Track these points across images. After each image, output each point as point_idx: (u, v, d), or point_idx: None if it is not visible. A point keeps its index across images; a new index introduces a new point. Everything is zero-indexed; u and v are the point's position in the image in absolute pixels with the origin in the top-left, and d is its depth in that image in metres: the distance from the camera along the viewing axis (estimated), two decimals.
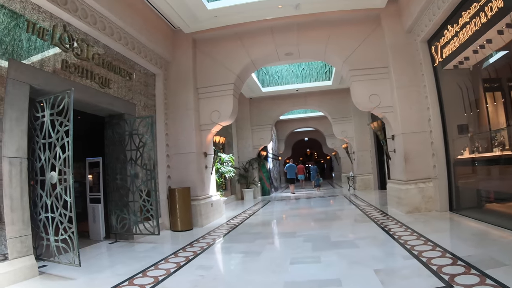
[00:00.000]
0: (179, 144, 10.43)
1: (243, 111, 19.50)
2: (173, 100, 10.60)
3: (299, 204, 15.48)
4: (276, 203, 16.12)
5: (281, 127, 29.37)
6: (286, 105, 20.10)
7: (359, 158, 18.85)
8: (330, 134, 26.93)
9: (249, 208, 13.96)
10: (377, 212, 10.05)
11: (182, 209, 9.56)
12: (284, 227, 9.93)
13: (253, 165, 18.96)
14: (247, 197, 18.18)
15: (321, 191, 21.87)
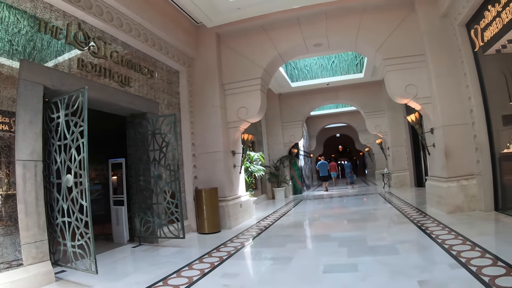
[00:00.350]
0: (206, 143, 10.03)
1: (273, 107, 19.06)
2: (199, 97, 10.22)
3: (332, 203, 14.90)
4: (308, 202, 15.56)
5: (312, 123, 28.76)
6: (317, 100, 19.45)
7: (394, 154, 18.01)
8: (363, 129, 26.26)
9: (280, 208, 13.45)
10: (415, 211, 9.36)
11: (209, 211, 9.17)
12: (317, 228, 9.36)
13: (284, 163, 18.43)
14: (278, 196, 17.68)
15: (355, 189, 21.09)
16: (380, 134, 18.78)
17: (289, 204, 14.74)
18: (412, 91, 9.16)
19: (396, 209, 10.26)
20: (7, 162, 5.25)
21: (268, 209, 13.38)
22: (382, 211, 10.74)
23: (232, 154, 10.37)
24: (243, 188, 11.15)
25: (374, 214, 10.37)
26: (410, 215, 8.93)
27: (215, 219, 9.26)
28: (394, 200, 12.46)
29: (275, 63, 10.71)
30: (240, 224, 10.06)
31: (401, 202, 11.64)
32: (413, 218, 8.41)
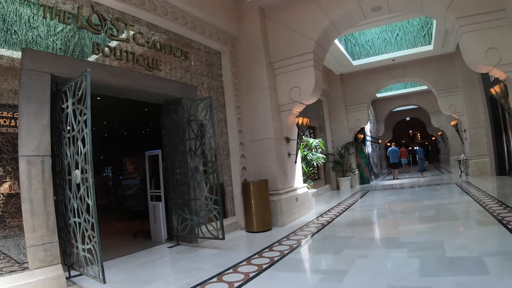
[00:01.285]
0: (255, 129, 8.91)
1: (334, 89, 17.65)
2: (244, 79, 9.11)
3: (402, 194, 13.17)
4: (376, 193, 14.01)
5: (379, 107, 26.80)
6: (383, 79, 17.61)
7: (472, 137, 15.78)
8: (435, 111, 24.38)
9: (344, 201, 12.11)
10: (502, 208, 7.66)
11: (258, 206, 8.06)
12: (383, 229, 7.76)
13: (349, 150, 16.90)
14: (343, 186, 16.28)
15: (427, 177, 19.14)
16: (455, 115, 16.55)
17: (354, 196, 13.36)
18: (495, 56, 7.44)
19: (477, 204, 8.60)
20: (9, 158, 4.72)
21: (330, 202, 12.12)
22: (461, 206, 8.98)
23: (286, 141, 9.16)
24: (300, 179, 9.89)
25: (452, 209, 8.59)
26: (496, 212, 7.28)
27: (265, 215, 8.14)
28: (474, 192, 10.67)
29: (328, 35, 9.23)
30: (296, 220, 8.88)
31: (483, 195, 9.88)
32: (502, 218, 6.74)
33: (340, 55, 14.78)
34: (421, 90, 23.96)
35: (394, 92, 24.80)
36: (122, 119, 11.73)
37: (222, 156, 8.55)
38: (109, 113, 10.87)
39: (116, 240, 8.15)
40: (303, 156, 10.65)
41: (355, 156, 17.78)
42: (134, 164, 9.62)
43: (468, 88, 15.71)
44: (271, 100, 8.85)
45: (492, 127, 14.84)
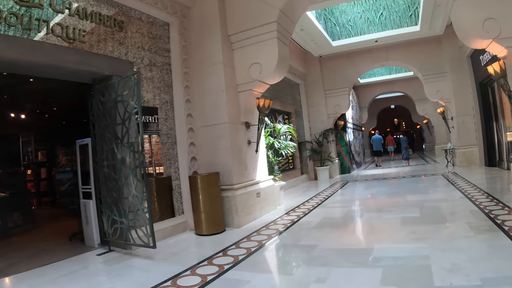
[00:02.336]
0: (206, 112, 7.48)
1: (313, 72, 16.23)
2: (196, 55, 7.65)
3: (385, 187, 11.76)
4: (356, 185, 12.67)
5: (363, 93, 25.56)
6: (365, 63, 16.20)
7: (460, 125, 14.50)
8: (421, 98, 23.72)
9: (319, 194, 10.74)
10: (499, 207, 6.27)
11: (207, 205, 6.64)
12: (356, 234, 6.20)
13: (328, 138, 15.54)
14: (322, 176, 14.93)
15: (412, 167, 17.99)
16: (442, 102, 15.18)
17: (332, 188, 12.01)
18: (494, 28, 6.11)
19: (469, 201, 7.25)
20: None
21: (304, 195, 10.76)
22: (450, 203, 7.60)
23: (246, 126, 7.78)
24: (264, 170, 8.49)
25: (439, 209, 7.15)
26: (493, 213, 5.90)
27: (216, 215, 6.75)
28: (463, 185, 9.35)
29: (296, 2, 7.74)
30: (257, 219, 7.49)
31: (473, 189, 8.58)
32: (501, 221, 5.34)
33: (318, 35, 13.37)
34: (406, 76, 22.88)
35: (378, 78, 23.65)
36: (56, 102, 10.24)
37: (167, 145, 7.08)
38: (36, 97, 9.33)
39: (49, 244, 6.72)
40: (269, 144, 9.25)
41: (335, 144, 16.47)
42: (67, 156, 8.10)
43: (456, 73, 14.38)
44: (227, 79, 7.39)
45: (481, 114, 13.55)
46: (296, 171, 13.88)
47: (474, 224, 5.45)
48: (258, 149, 8.03)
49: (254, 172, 7.96)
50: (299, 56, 15.18)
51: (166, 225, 6.72)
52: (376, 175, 15.48)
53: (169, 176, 7.07)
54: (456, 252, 4.32)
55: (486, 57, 11.51)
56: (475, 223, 5.54)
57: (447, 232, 5.38)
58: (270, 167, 9.21)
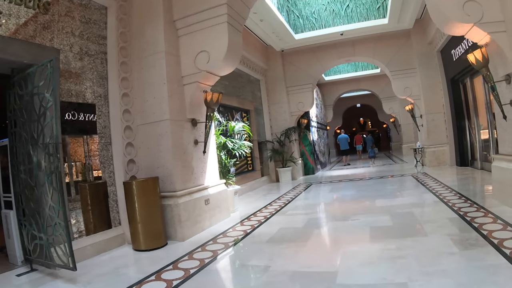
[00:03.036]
0: (147, 108, 6.68)
1: (274, 68, 15.63)
2: (137, 43, 6.85)
3: (351, 189, 11.17)
4: (320, 187, 12.07)
5: (328, 91, 25.28)
6: (330, 58, 15.69)
7: (429, 123, 14.20)
8: (388, 96, 23.98)
9: (280, 197, 10.15)
10: (482, 214, 5.74)
11: (144, 214, 5.85)
12: (316, 251, 5.17)
13: (291, 137, 14.97)
14: (284, 178, 14.33)
15: (379, 167, 17.70)
16: (411, 99, 14.87)
17: (294, 191, 11.40)
18: (476, 11, 5.55)
19: (446, 206, 6.71)
20: None
21: (263, 199, 10.14)
22: (425, 209, 7.04)
23: (192, 124, 7.00)
24: (214, 174, 7.74)
25: (413, 216, 6.42)
26: (476, 221, 5.34)
27: (156, 227, 5.95)
28: (436, 187, 8.92)
29: None
30: (205, 230, 6.75)
31: (448, 191, 8.13)
32: (487, 231, 4.76)
33: (280, 27, 12.77)
34: (372, 73, 22.79)
35: (343, 76, 23.45)
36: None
37: (100, 146, 6.28)
38: None
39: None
40: (221, 144, 8.51)
41: (298, 143, 15.93)
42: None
43: (426, 69, 14.10)
44: (169, 69, 6.61)
45: (452, 112, 13.28)
46: (255, 173, 13.21)
47: (456, 237, 4.83)
48: (206, 149, 7.24)
49: (203, 176, 7.21)
50: (260, 50, 14.54)
51: (100, 239, 5.92)
52: (341, 176, 14.96)
53: (104, 182, 6.26)
54: (440, 277, 3.59)
55: (458, 51, 11.24)
56: (458, 235, 4.93)
57: (426, 248, 4.58)
58: (223, 169, 8.50)
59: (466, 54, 6.39)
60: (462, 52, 10.80)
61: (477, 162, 11.86)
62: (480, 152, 11.63)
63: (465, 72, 11.59)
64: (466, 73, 11.61)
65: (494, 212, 5.75)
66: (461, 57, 10.99)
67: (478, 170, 11.42)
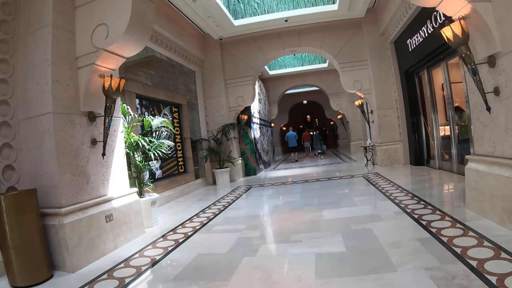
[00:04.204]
0: (28, 98, 5.19)
1: (212, 59, 14.33)
2: (25, 16, 5.34)
3: (295, 194, 9.89)
4: (261, 191, 10.88)
5: (273, 86, 24.32)
6: (273, 48, 14.56)
7: (381, 119, 13.40)
8: (335, 92, 23.80)
9: (212, 205, 8.90)
10: (460, 231, 4.66)
11: (17, 239, 4.38)
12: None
13: (229, 134, 13.78)
14: (221, 180, 13.13)
15: (326, 166, 16.74)
16: (361, 93, 14.03)
17: (230, 196, 10.22)
18: None
19: (411, 219, 5.59)
20: None
21: (192, 207, 8.86)
22: (387, 225, 5.62)
23: (89, 119, 5.57)
24: (121, 181, 6.26)
25: (373, 235, 5.09)
26: (456, 243, 4.21)
27: (34, 254, 4.49)
28: (394, 192, 7.93)
29: None
30: (107, 254, 5.36)
31: (409, 197, 7.15)
32: (477, 262, 3.59)
33: (216, 11, 11.54)
34: (320, 68, 22.18)
35: (289, 70, 22.54)
36: None
37: None
38: None
39: None
40: (132, 144, 7.07)
41: (238, 141, 14.75)
42: None
43: (378, 62, 13.37)
44: (57, 48, 5.14)
45: (406, 107, 12.60)
46: (188, 176, 11.86)
47: (438, 273, 3.51)
48: (106, 151, 5.70)
49: (104, 186, 5.76)
50: (196, 39, 13.24)
51: None
52: (285, 177, 13.93)
53: None
54: None
55: (415, 40, 10.51)
56: (439, 268, 3.63)
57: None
58: (138, 175, 7.09)
59: (423, 43, 5.36)
60: (420, 41, 10.05)
61: (434, 161, 11.25)
62: (438, 150, 11.01)
63: (422, 64, 10.91)
64: (422, 64, 10.94)
65: (475, 228, 4.70)
66: (419, 46, 10.30)
67: (436, 170, 10.76)
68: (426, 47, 9.81)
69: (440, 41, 8.60)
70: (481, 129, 5.34)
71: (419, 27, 9.95)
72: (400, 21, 11.09)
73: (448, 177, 9.30)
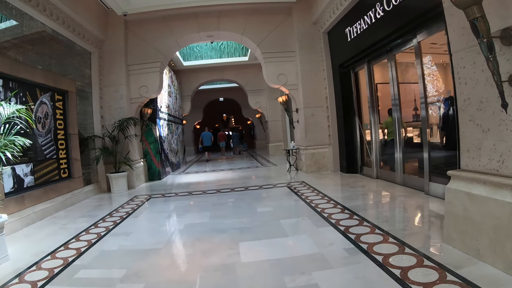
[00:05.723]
0: None
1: (114, 39, 11.96)
2: None
3: (201, 213, 7.48)
4: (162, 205, 8.67)
5: (187, 79, 22.09)
6: (187, 31, 12.51)
7: (308, 119, 12.02)
8: (255, 89, 22.63)
9: (92, 226, 6.68)
10: (449, 282, 3.21)
11: None
12: None
13: (127, 131, 11.37)
14: (117, 187, 10.83)
15: (243, 171, 14.96)
16: (285, 89, 12.60)
17: (121, 211, 8.00)
18: None
19: (376, 266, 3.83)
20: None
21: (66, 229, 6.56)
22: (340, 274, 3.76)
23: None
24: None
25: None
26: None
27: None
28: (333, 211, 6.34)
29: None
30: None
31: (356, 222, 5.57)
32: None
33: None
34: (239, 62, 20.55)
35: (206, 62, 20.53)
36: None
37: None
38: None
39: None
40: None
41: (140, 140, 12.61)
42: None
43: (308, 53, 12.08)
44: None
45: (339, 107, 11.29)
46: (74, 182, 9.46)
47: None
48: None
49: None
50: (95, 13, 10.92)
51: None
52: (195, 184, 11.91)
53: None
54: None
55: (357, 27, 9.19)
56: None
57: None
58: None
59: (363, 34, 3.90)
60: (365, 28, 8.73)
61: (370, 169, 9.97)
62: (377, 157, 9.73)
63: (362, 57, 9.62)
64: (363, 57, 9.64)
65: (477, 283, 3.14)
66: (361, 35, 9.02)
67: (374, 180, 9.51)
68: (372, 36, 8.48)
69: (394, 25, 7.32)
70: (477, 135, 3.80)
71: (365, 11, 8.60)
72: (340, 6, 9.72)
73: (392, 190, 8.00)
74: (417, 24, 6.87)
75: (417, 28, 6.99)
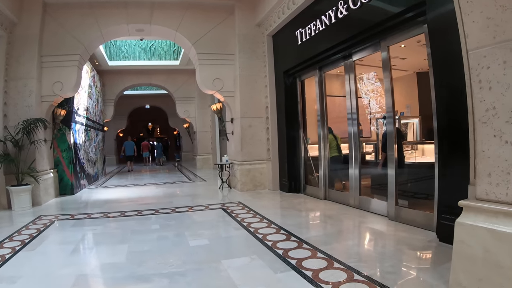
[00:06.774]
0: None
1: (29, 24, 9.97)
2: None
3: (120, 246, 5.57)
4: (65, 233, 6.71)
5: (111, 80, 20.17)
6: (114, 21, 10.83)
7: (245, 131, 10.90)
8: (184, 97, 21.70)
9: None
10: None
11: None
12: None
13: (33, 135, 9.42)
14: (19, 203, 8.85)
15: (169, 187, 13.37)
16: (221, 95, 11.45)
17: (16, 239, 6.11)
18: None
19: None
20: None
21: None
22: None
23: None
24: None
25: None
26: None
27: None
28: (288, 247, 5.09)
29: None
30: None
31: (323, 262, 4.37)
32: None
33: None
34: (169, 66, 19.43)
35: (133, 63, 18.97)
36: None
37: None
38: None
39: None
40: None
41: (51, 146, 10.81)
42: None
43: (249, 58, 11.11)
44: None
45: (281, 118, 10.43)
46: None
47: None
48: None
49: None
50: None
51: None
52: (113, 203, 10.04)
53: None
54: None
55: (311, 29, 8.32)
56: None
57: None
58: None
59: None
60: (321, 29, 7.89)
61: (317, 188, 9.14)
62: (325, 175, 8.86)
63: (314, 62, 8.80)
64: (314, 63, 8.83)
65: None
66: (316, 37, 8.17)
67: (321, 201, 8.67)
68: (331, 37, 7.65)
69: (358, 27, 6.59)
70: (505, 155, 2.91)
71: (322, 11, 7.75)
72: (292, 5, 8.87)
73: (352, 214, 7.13)
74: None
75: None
